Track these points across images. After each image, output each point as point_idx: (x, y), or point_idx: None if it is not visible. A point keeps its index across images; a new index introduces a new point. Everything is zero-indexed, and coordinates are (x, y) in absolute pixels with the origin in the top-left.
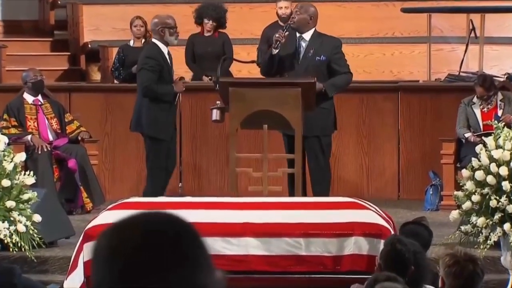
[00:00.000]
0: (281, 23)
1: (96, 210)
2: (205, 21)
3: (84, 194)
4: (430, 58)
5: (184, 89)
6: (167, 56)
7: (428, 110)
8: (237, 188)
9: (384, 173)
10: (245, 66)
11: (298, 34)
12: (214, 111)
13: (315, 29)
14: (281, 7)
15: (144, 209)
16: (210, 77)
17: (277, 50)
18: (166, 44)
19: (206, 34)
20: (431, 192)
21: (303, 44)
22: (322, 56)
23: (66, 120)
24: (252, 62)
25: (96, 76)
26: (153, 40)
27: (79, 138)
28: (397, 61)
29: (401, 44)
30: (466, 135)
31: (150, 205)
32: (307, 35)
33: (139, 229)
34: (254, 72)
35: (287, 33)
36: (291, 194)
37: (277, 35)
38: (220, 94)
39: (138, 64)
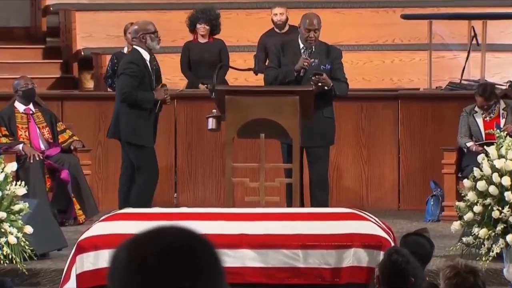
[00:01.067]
0: (276, 30)
1: (89, 222)
2: (198, 26)
3: (77, 206)
4: (431, 65)
5: (165, 96)
6: (148, 63)
7: (429, 119)
8: (234, 199)
9: (384, 183)
10: (241, 73)
11: (301, 44)
12: (210, 119)
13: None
14: (276, 14)
15: (139, 220)
16: (206, 85)
17: (303, 75)
18: (149, 50)
19: (201, 41)
20: (432, 203)
21: (307, 53)
22: (326, 65)
23: (58, 129)
24: (249, 69)
25: (89, 84)
26: (135, 46)
27: (72, 147)
28: (397, 68)
29: (401, 51)
30: (468, 144)
31: (144, 216)
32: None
33: (157, 244)
34: (251, 79)
35: (312, 60)
36: (289, 204)
37: (305, 64)
38: (216, 102)
39: (119, 69)
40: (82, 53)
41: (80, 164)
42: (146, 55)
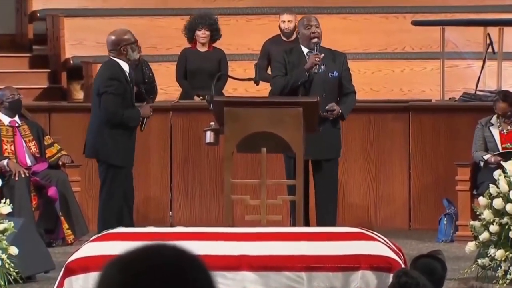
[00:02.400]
0: (283, 38)
1: (78, 242)
2: (198, 32)
3: (65, 225)
4: (444, 75)
5: (151, 113)
6: (128, 75)
7: (442, 132)
8: (233, 217)
9: (394, 201)
10: (241, 84)
11: (305, 50)
12: (208, 133)
13: None
14: (284, 21)
15: (131, 240)
16: (201, 97)
17: (316, 72)
18: (128, 61)
19: (201, 49)
20: (445, 222)
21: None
22: (334, 72)
23: (46, 143)
24: (249, 79)
25: (79, 94)
26: (113, 58)
27: (60, 162)
28: (408, 78)
29: (412, 60)
30: (485, 157)
31: (137, 236)
32: (315, 51)
33: (146, 262)
34: (251, 90)
35: (322, 54)
36: (292, 223)
37: (317, 59)
38: (214, 114)
39: (100, 85)
40: (71, 62)
41: (69, 180)
42: (126, 67)
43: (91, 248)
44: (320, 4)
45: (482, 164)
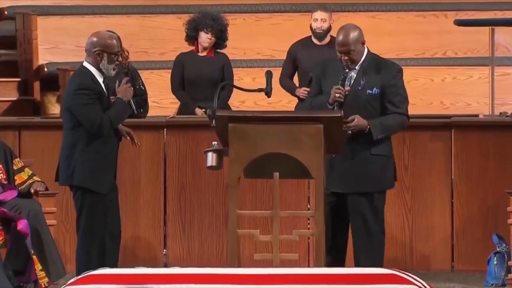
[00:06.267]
0: (314, 40)
1: (53, 286)
2: (202, 33)
3: (38, 266)
4: (493, 85)
5: (132, 91)
6: (103, 85)
7: (491, 154)
8: (239, 256)
9: (433, 236)
10: (249, 95)
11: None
12: (210, 154)
13: (368, 49)
14: (317, 19)
15: (117, 284)
16: (204, 110)
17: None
18: (101, 71)
19: (200, 54)
20: (495, 262)
21: (353, 73)
22: (374, 89)
23: (15, 168)
24: (259, 90)
25: (54, 108)
26: (86, 64)
27: (32, 190)
28: (450, 89)
29: (455, 67)
30: None
31: (124, 278)
32: (358, 64)
33: None
34: (261, 103)
35: (348, 88)
36: (331, 265)
37: (337, 95)
38: (217, 132)
39: (68, 99)
40: (46, 70)
41: (42, 212)
42: (99, 76)
43: None
44: (345, 0)
45: None
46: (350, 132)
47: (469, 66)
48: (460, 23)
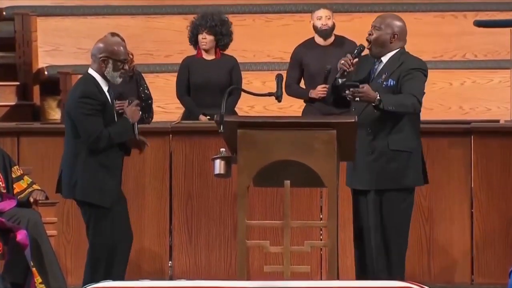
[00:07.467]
0: (318, 41)
1: None
2: (199, 36)
3: (38, 278)
4: None
5: (140, 114)
6: (108, 94)
7: None
8: (248, 268)
9: (452, 248)
10: (259, 100)
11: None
12: (217, 162)
13: (403, 49)
14: (320, 17)
15: None
16: (209, 117)
17: (342, 80)
18: (106, 79)
19: (207, 57)
20: None
21: (378, 68)
22: (390, 80)
23: (14, 176)
24: (269, 94)
25: (55, 114)
26: (91, 71)
27: (31, 199)
28: (470, 93)
29: (475, 70)
30: None
31: None
32: (386, 57)
33: None
34: (271, 108)
35: (356, 59)
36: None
37: (342, 61)
38: (225, 138)
39: (71, 107)
40: (46, 73)
41: (42, 222)
42: (104, 84)
43: None
44: (361, 0)
45: None
46: (358, 99)
47: (489, 69)
48: (480, 24)
